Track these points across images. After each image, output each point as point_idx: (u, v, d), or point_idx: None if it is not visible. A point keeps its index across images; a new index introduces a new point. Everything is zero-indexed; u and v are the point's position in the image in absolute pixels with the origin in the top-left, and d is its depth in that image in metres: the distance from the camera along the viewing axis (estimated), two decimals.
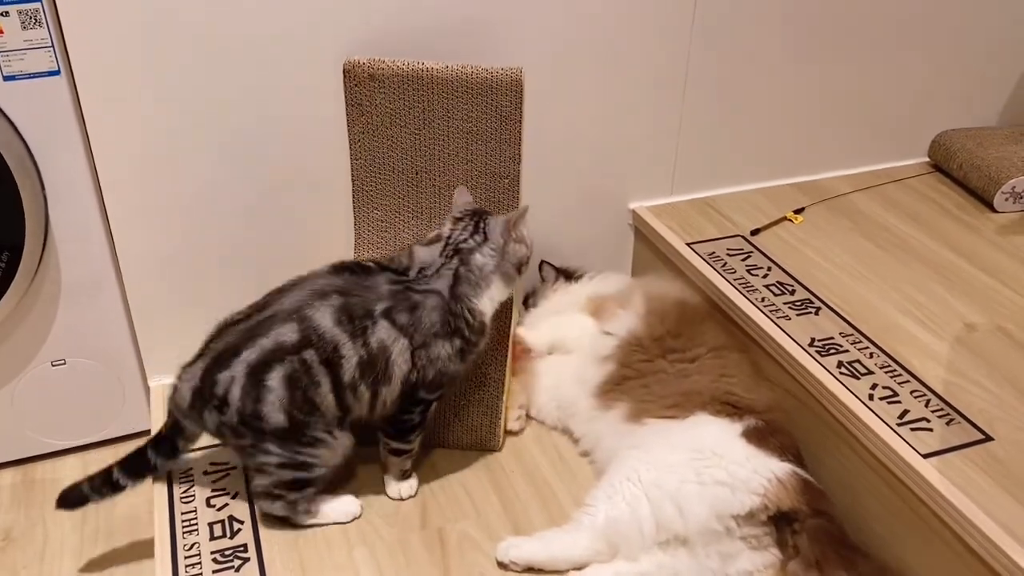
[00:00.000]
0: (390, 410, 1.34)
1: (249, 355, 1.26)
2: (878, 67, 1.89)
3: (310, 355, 1.26)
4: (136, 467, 1.36)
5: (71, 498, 1.33)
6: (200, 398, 1.29)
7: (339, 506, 1.38)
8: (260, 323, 1.28)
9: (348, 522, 1.37)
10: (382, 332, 1.28)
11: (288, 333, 1.26)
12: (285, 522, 1.36)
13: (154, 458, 1.37)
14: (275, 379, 1.26)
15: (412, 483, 1.43)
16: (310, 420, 1.28)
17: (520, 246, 1.37)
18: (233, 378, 1.26)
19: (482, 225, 1.36)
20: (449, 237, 1.36)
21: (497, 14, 1.54)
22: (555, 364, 1.60)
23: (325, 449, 1.31)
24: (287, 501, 1.34)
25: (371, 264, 1.35)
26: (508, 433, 1.55)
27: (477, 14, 1.53)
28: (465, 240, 1.35)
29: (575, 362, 1.57)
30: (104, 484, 1.34)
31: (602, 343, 1.53)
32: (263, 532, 1.35)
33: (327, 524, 1.36)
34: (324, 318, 1.27)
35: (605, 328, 1.55)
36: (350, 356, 1.27)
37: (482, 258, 1.35)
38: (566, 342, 1.60)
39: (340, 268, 1.34)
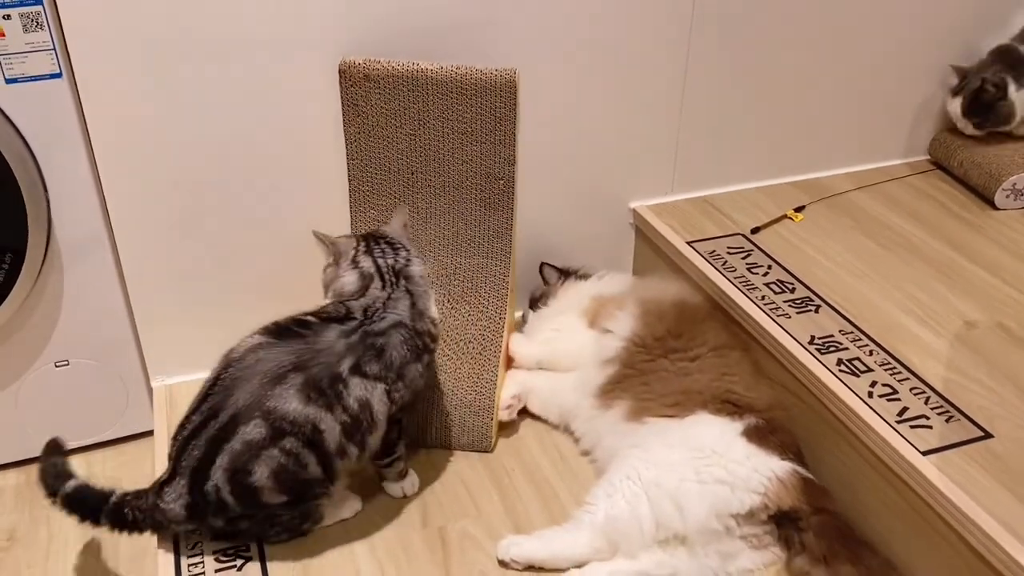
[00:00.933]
0: (378, 447, 1.34)
1: (223, 462, 1.22)
2: (878, 64, 1.89)
3: (290, 443, 1.22)
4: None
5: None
6: (197, 511, 1.26)
7: (342, 508, 1.37)
8: (222, 429, 1.22)
9: (351, 517, 1.38)
10: (357, 390, 1.25)
11: (254, 431, 1.21)
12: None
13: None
14: (260, 475, 1.23)
15: (413, 480, 1.43)
16: (307, 491, 1.28)
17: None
18: (217, 487, 1.23)
19: (392, 240, 1.37)
20: (378, 267, 1.32)
21: (495, 14, 1.54)
22: (560, 335, 1.59)
23: (327, 498, 1.32)
24: (301, 531, 1.34)
25: (309, 319, 1.29)
26: (500, 424, 1.55)
27: (474, 14, 1.53)
28: (396, 260, 1.34)
29: (580, 343, 1.56)
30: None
31: (604, 346, 1.53)
32: None
33: (330, 524, 1.37)
34: (291, 403, 1.21)
35: (605, 327, 1.55)
36: (331, 427, 1.24)
37: (417, 268, 1.36)
38: (558, 360, 1.58)
39: (278, 333, 1.27)
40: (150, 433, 1.65)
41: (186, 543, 1.33)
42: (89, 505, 1.28)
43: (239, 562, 1.31)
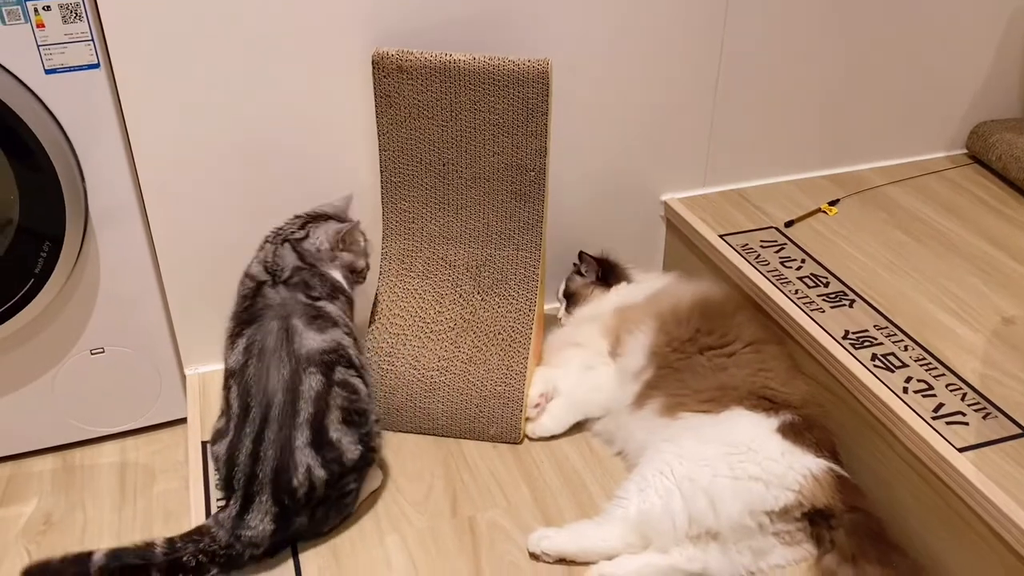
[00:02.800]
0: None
1: (302, 438, 1.24)
2: (915, 57, 1.87)
3: (340, 372, 1.29)
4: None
5: None
6: (287, 514, 1.25)
7: (369, 478, 1.39)
8: (284, 410, 1.25)
9: (379, 487, 1.41)
10: (328, 306, 1.34)
11: (313, 382, 1.26)
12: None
13: None
14: (336, 430, 1.27)
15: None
16: (370, 427, 1.32)
17: (347, 255, 1.43)
18: (308, 467, 1.24)
19: (313, 226, 1.42)
20: (280, 229, 1.43)
21: (528, 4, 1.54)
22: (584, 385, 1.55)
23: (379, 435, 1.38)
24: (345, 504, 1.34)
25: (243, 300, 1.36)
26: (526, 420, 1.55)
27: (507, 5, 1.53)
28: (293, 232, 1.42)
29: (607, 390, 1.54)
30: None
31: (629, 365, 1.51)
32: None
33: (365, 497, 1.39)
34: (311, 337, 1.28)
35: (622, 358, 1.52)
36: (346, 339, 1.32)
37: (309, 246, 1.40)
38: (591, 410, 1.55)
39: (244, 323, 1.32)
40: (183, 420, 1.67)
41: None
42: (132, 568, 1.18)
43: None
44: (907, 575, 1.22)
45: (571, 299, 1.68)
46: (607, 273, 1.67)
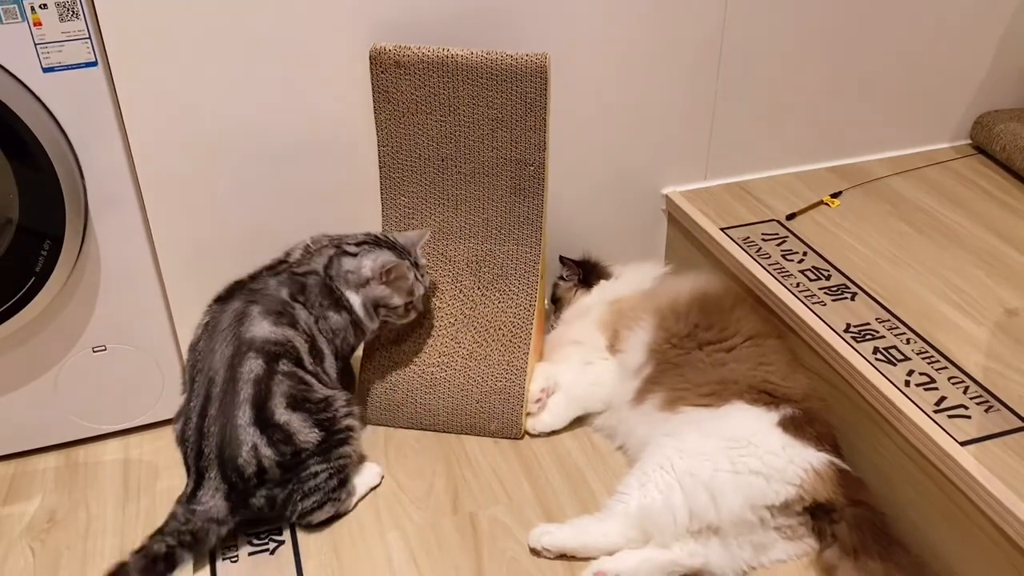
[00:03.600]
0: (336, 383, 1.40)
1: (245, 416, 1.26)
2: (919, 47, 1.85)
3: (284, 365, 1.29)
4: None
5: None
6: (238, 493, 1.27)
7: (367, 474, 1.42)
8: (225, 387, 1.27)
9: (380, 483, 1.42)
10: (300, 313, 1.34)
11: (253, 365, 1.28)
12: (329, 521, 1.37)
13: None
14: (281, 411, 1.27)
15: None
16: (334, 413, 1.32)
17: (385, 289, 1.41)
18: (254, 445, 1.26)
19: (368, 249, 1.42)
20: (329, 236, 1.45)
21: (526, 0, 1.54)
22: (584, 380, 1.56)
23: (355, 440, 1.36)
24: (333, 500, 1.35)
25: (243, 278, 1.40)
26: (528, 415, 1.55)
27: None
28: (344, 242, 1.43)
29: (607, 384, 1.54)
30: None
31: (629, 360, 1.51)
32: None
33: (365, 495, 1.40)
34: (262, 327, 1.30)
35: (621, 354, 1.53)
36: (301, 345, 1.32)
37: (349, 266, 1.40)
38: (591, 405, 1.55)
39: (222, 297, 1.37)
40: None
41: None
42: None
43: (272, 545, 1.33)
44: (908, 571, 1.22)
45: (557, 304, 1.70)
46: (588, 274, 1.68)
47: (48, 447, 1.69)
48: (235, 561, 1.31)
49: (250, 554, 1.32)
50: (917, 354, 1.38)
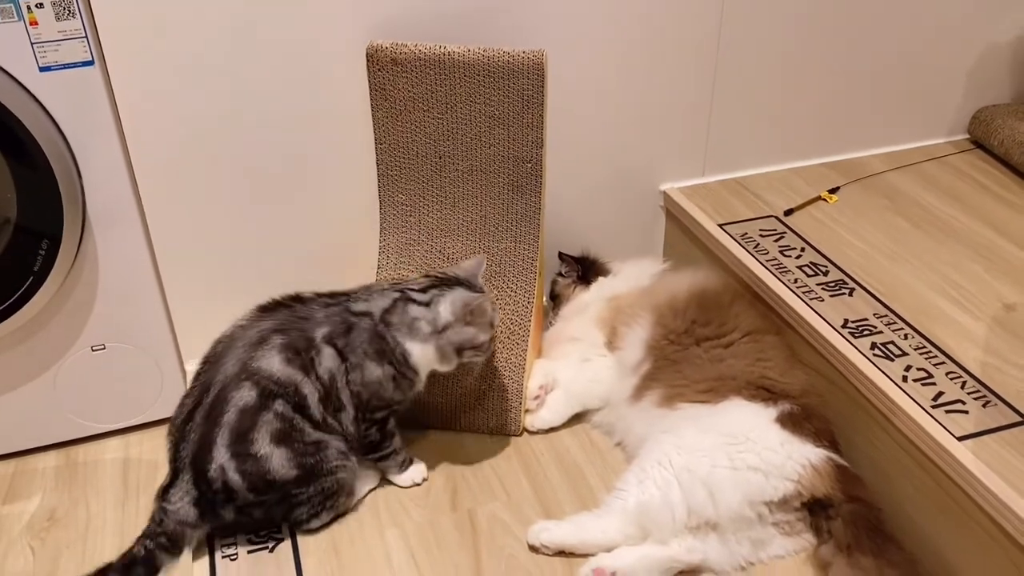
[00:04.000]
0: (354, 433, 1.34)
1: (221, 437, 1.24)
2: (916, 42, 1.85)
3: (280, 405, 1.25)
4: None
5: None
6: (207, 503, 1.26)
7: (366, 476, 1.40)
8: (214, 402, 1.25)
9: (377, 486, 1.40)
10: (327, 361, 1.28)
11: (246, 395, 1.25)
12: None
13: None
14: (262, 443, 1.24)
15: (418, 468, 1.44)
16: (322, 456, 1.28)
17: (470, 329, 1.34)
18: (222, 466, 1.24)
19: (437, 292, 1.34)
20: (398, 282, 1.38)
21: None
22: (582, 376, 1.56)
23: (346, 468, 1.32)
24: (328, 509, 1.34)
25: (306, 294, 1.35)
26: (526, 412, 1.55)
27: None
28: (410, 289, 1.35)
29: (605, 381, 1.54)
30: None
31: (627, 357, 1.51)
32: None
33: (364, 496, 1.39)
34: (272, 362, 1.26)
35: (620, 351, 1.53)
36: (311, 393, 1.27)
37: (417, 313, 1.33)
38: (589, 401, 1.55)
39: (268, 308, 1.33)
40: None
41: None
42: None
43: (271, 543, 1.33)
44: (900, 567, 1.22)
45: (555, 300, 1.70)
46: (586, 270, 1.68)
47: (48, 446, 1.69)
48: (234, 559, 1.31)
49: (249, 552, 1.32)
50: (915, 349, 1.38)
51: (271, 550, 1.32)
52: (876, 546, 1.22)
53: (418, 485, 1.43)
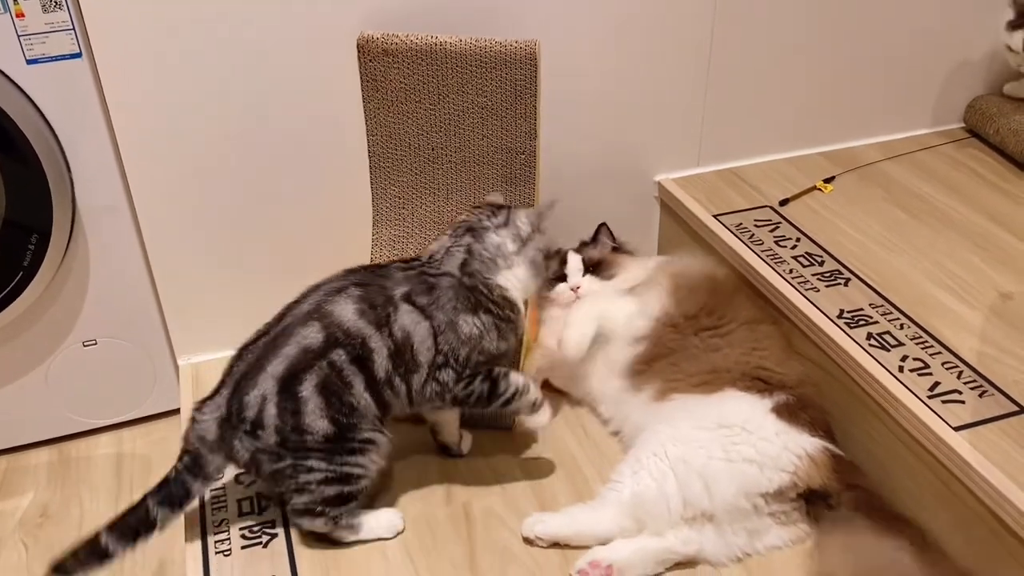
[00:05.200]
0: (429, 398, 1.29)
1: (276, 367, 1.21)
2: (911, 30, 1.84)
3: (338, 355, 1.21)
4: (130, 528, 1.19)
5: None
6: (229, 427, 1.22)
7: (383, 519, 1.32)
8: (281, 332, 1.23)
9: (391, 537, 1.31)
10: (404, 318, 1.25)
11: (312, 335, 1.22)
12: (324, 539, 1.30)
13: (156, 510, 1.20)
14: (308, 389, 1.20)
15: (545, 412, 1.37)
16: (356, 422, 1.23)
17: (545, 237, 1.35)
18: (264, 396, 1.20)
19: (504, 211, 1.34)
20: (464, 220, 1.35)
21: None
22: (604, 298, 1.53)
23: (373, 454, 1.26)
24: (329, 517, 1.28)
25: (387, 263, 1.34)
26: None
27: None
28: (480, 220, 1.33)
29: (628, 307, 1.51)
30: (91, 555, 1.17)
31: (636, 324, 1.50)
32: None
33: (371, 540, 1.31)
34: (345, 311, 1.23)
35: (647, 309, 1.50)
36: (379, 348, 1.23)
37: (498, 238, 1.32)
38: (614, 329, 1.50)
39: (353, 269, 1.32)
40: (177, 411, 1.66)
41: (213, 519, 1.35)
42: (133, 520, 1.20)
43: (264, 538, 1.32)
44: (918, 544, 1.21)
45: (598, 267, 1.60)
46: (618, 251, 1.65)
47: (40, 442, 1.68)
48: (228, 555, 1.30)
49: (243, 547, 1.31)
50: (911, 339, 1.37)
51: (265, 545, 1.31)
52: (889, 527, 1.22)
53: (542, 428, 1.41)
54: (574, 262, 1.58)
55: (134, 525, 1.19)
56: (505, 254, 1.32)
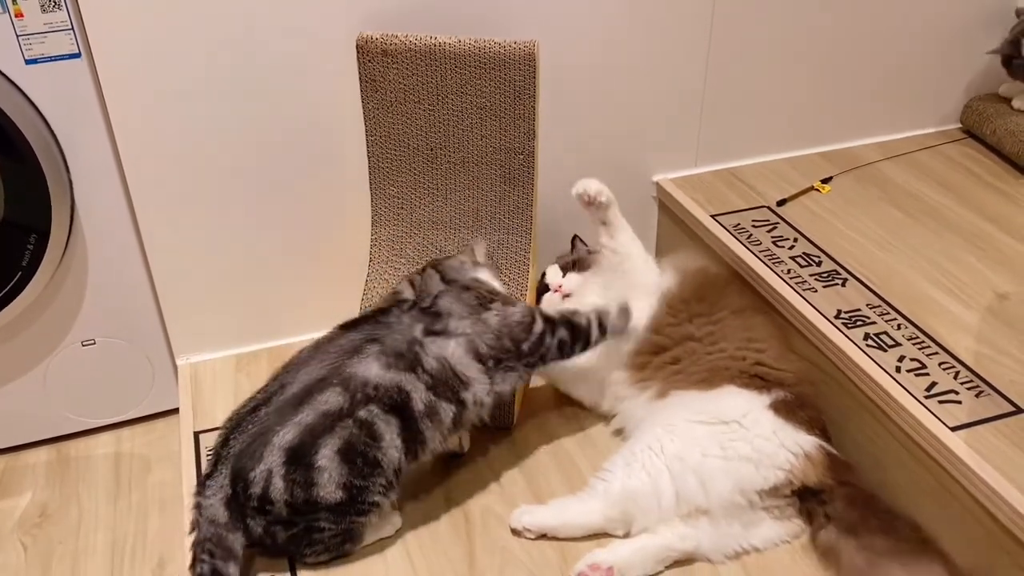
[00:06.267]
0: (493, 399, 1.29)
1: (284, 438, 1.16)
2: (909, 30, 1.85)
3: (369, 412, 1.18)
4: None
5: None
6: (237, 505, 1.17)
7: (382, 521, 1.30)
8: (289, 401, 1.18)
9: (391, 534, 1.31)
10: (433, 347, 1.24)
11: (332, 399, 1.17)
12: None
13: None
14: (326, 456, 1.16)
15: (624, 308, 1.40)
16: (370, 483, 1.20)
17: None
18: (270, 470, 1.15)
19: (435, 264, 1.42)
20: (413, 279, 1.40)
21: None
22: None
23: (378, 512, 1.25)
24: (333, 550, 1.26)
25: (374, 311, 1.32)
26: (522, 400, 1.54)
27: None
28: (433, 263, 1.41)
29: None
30: None
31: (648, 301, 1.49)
32: None
33: (372, 542, 1.30)
34: (370, 370, 1.19)
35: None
36: (416, 386, 1.21)
37: (456, 262, 1.40)
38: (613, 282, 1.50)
39: (351, 324, 1.28)
40: (176, 411, 1.67)
41: None
42: None
43: None
44: (912, 542, 1.21)
45: (577, 267, 1.61)
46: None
47: (39, 441, 1.68)
48: None
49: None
50: (908, 340, 1.38)
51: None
52: (883, 523, 1.22)
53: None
54: (551, 272, 1.61)
55: None
56: (467, 267, 1.38)
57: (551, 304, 1.56)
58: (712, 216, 1.70)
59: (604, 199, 1.46)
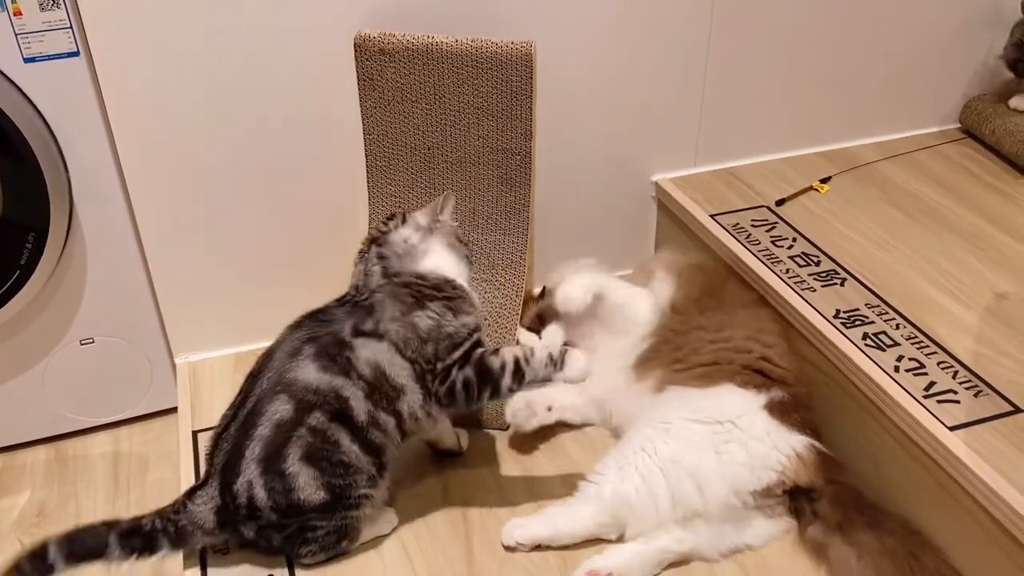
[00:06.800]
0: (435, 414, 1.27)
1: (253, 451, 1.18)
2: (908, 30, 1.84)
3: (316, 418, 1.18)
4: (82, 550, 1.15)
5: None
6: (228, 515, 1.20)
7: (379, 519, 1.31)
8: (250, 414, 1.20)
9: (389, 532, 1.32)
10: (363, 351, 1.21)
11: (281, 408, 1.18)
12: None
13: (115, 550, 1.16)
14: (293, 464, 1.18)
15: (576, 359, 1.26)
16: (350, 480, 1.21)
17: (453, 222, 1.35)
18: (250, 482, 1.18)
19: (398, 215, 1.34)
20: (364, 239, 1.34)
21: None
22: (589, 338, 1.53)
23: (369, 506, 1.25)
24: (329, 549, 1.27)
25: (326, 306, 1.29)
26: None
27: None
28: (378, 230, 1.33)
29: (612, 339, 1.51)
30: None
31: (649, 318, 1.49)
32: None
33: (368, 540, 1.31)
34: (308, 372, 1.19)
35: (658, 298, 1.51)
36: (355, 393, 1.20)
37: (400, 235, 1.30)
38: (610, 305, 1.47)
39: (297, 324, 1.27)
40: (175, 410, 1.67)
41: None
42: (89, 543, 1.15)
43: None
44: (897, 534, 1.22)
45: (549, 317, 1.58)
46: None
47: (37, 440, 1.68)
48: (225, 554, 1.30)
49: (241, 546, 1.31)
50: (907, 339, 1.38)
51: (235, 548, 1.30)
52: (868, 519, 1.23)
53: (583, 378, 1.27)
54: (552, 331, 1.54)
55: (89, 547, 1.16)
56: (414, 244, 1.30)
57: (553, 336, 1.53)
58: (711, 216, 1.69)
59: (592, 296, 1.43)
